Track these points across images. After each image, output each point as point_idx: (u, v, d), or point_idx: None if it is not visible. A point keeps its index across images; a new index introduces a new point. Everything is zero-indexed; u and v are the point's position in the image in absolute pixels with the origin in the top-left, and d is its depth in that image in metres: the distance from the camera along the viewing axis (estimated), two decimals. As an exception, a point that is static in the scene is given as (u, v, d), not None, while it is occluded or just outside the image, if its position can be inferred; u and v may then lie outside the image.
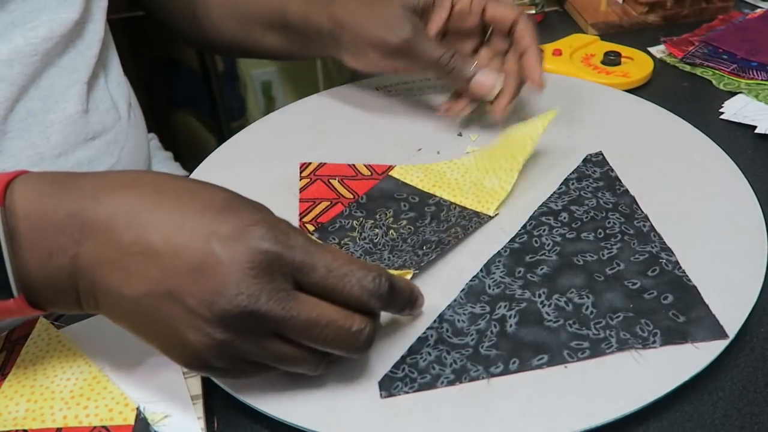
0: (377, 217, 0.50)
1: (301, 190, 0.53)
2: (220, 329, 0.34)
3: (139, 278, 0.34)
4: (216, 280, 0.33)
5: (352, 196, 0.52)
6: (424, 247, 0.47)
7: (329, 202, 0.52)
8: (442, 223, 0.49)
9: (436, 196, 0.52)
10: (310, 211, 0.51)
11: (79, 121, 0.56)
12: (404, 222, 0.50)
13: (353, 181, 0.54)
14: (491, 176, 0.52)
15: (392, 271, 0.44)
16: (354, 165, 0.55)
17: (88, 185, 0.36)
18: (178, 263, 0.34)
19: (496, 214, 0.50)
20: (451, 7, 0.57)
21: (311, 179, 0.54)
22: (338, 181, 0.54)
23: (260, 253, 0.34)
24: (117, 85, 0.63)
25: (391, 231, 0.49)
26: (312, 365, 0.37)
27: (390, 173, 0.54)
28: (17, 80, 0.52)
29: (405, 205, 0.51)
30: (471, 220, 0.49)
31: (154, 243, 0.34)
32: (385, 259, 0.47)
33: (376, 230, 0.49)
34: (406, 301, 0.40)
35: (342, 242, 0.48)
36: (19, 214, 0.35)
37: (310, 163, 0.55)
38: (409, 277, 0.44)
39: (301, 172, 0.55)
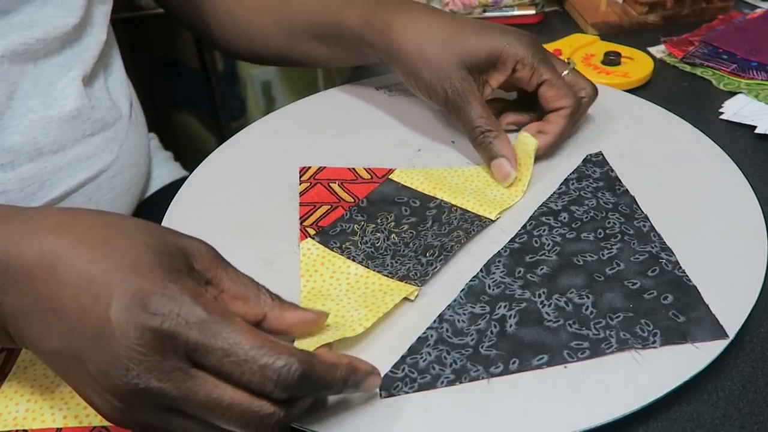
0: (378, 221, 0.50)
1: (301, 194, 0.53)
2: (116, 399, 0.33)
3: (53, 335, 0.34)
4: (109, 353, 0.32)
5: (352, 200, 0.52)
6: (427, 254, 0.47)
7: (330, 206, 0.52)
8: (443, 226, 0.49)
9: (436, 198, 0.52)
10: (311, 215, 0.51)
11: (79, 117, 0.57)
12: (406, 226, 0.50)
13: (353, 185, 0.54)
14: (493, 189, 0.53)
15: (398, 283, 0.44)
16: (354, 168, 0.55)
17: (17, 229, 0.35)
18: (82, 327, 0.33)
19: (497, 218, 0.50)
20: (513, 71, 0.54)
21: (311, 183, 0.54)
22: (338, 185, 0.54)
23: (150, 331, 0.31)
24: (118, 84, 0.64)
25: (393, 235, 0.49)
26: None
27: (390, 177, 0.54)
28: (11, 77, 0.52)
29: (406, 210, 0.51)
30: (473, 224, 0.49)
31: (65, 301, 0.33)
32: (387, 264, 0.47)
33: (378, 234, 0.49)
34: (336, 384, 0.35)
35: (344, 246, 0.48)
36: None
37: (309, 168, 0.55)
38: (416, 294, 0.44)
39: (300, 177, 0.55)
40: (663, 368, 0.39)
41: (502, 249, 0.47)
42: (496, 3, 0.81)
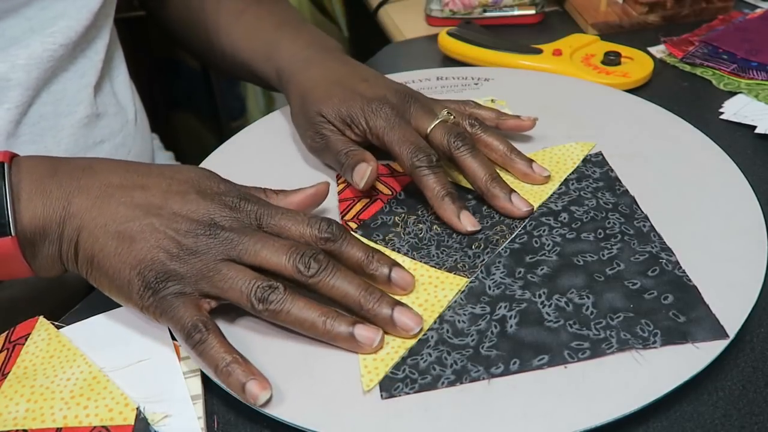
0: (419, 212, 0.51)
1: (340, 192, 0.53)
2: (192, 234, 0.40)
3: (127, 205, 0.41)
4: (197, 202, 0.42)
5: (390, 192, 0.53)
6: (473, 246, 0.47)
7: (368, 199, 0.52)
8: (485, 219, 0.49)
9: (474, 191, 0.52)
10: (351, 208, 0.51)
11: (89, 125, 0.57)
12: None
13: (389, 178, 0.54)
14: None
15: (447, 275, 0.45)
16: (388, 163, 0.55)
17: (83, 160, 0.44)
18: (168, 189, 0.42)
19: (537, 209, 0.50)
20: (365, 133, 0.52)
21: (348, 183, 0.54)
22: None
23: (234, 189, 0.44)
24: (124, 88, 0.64)
25: (435, 226, 0.49)
26: (257, 302, 0.39)
27: None
28: (32, 85, 0.52)
29: None
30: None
31: (154, 169, 0.44)
32: (433, 255, 0.47)
33: (420, 225, 0.49)
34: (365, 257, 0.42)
35: (387, 238, 0.48)
36: (23, 170, 0.42)
37: None
38: (464, 285, 0.44)
39: (338, 179, 0.55)
40: (663, 368, 0.39)
41: (502, 249, 0.47)
42: (496, 3, 0.81)
